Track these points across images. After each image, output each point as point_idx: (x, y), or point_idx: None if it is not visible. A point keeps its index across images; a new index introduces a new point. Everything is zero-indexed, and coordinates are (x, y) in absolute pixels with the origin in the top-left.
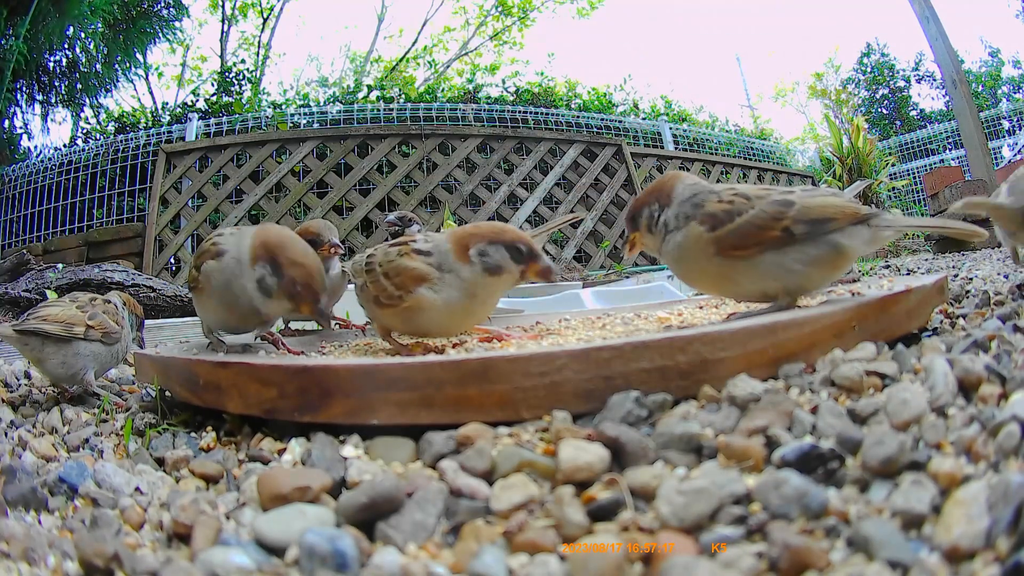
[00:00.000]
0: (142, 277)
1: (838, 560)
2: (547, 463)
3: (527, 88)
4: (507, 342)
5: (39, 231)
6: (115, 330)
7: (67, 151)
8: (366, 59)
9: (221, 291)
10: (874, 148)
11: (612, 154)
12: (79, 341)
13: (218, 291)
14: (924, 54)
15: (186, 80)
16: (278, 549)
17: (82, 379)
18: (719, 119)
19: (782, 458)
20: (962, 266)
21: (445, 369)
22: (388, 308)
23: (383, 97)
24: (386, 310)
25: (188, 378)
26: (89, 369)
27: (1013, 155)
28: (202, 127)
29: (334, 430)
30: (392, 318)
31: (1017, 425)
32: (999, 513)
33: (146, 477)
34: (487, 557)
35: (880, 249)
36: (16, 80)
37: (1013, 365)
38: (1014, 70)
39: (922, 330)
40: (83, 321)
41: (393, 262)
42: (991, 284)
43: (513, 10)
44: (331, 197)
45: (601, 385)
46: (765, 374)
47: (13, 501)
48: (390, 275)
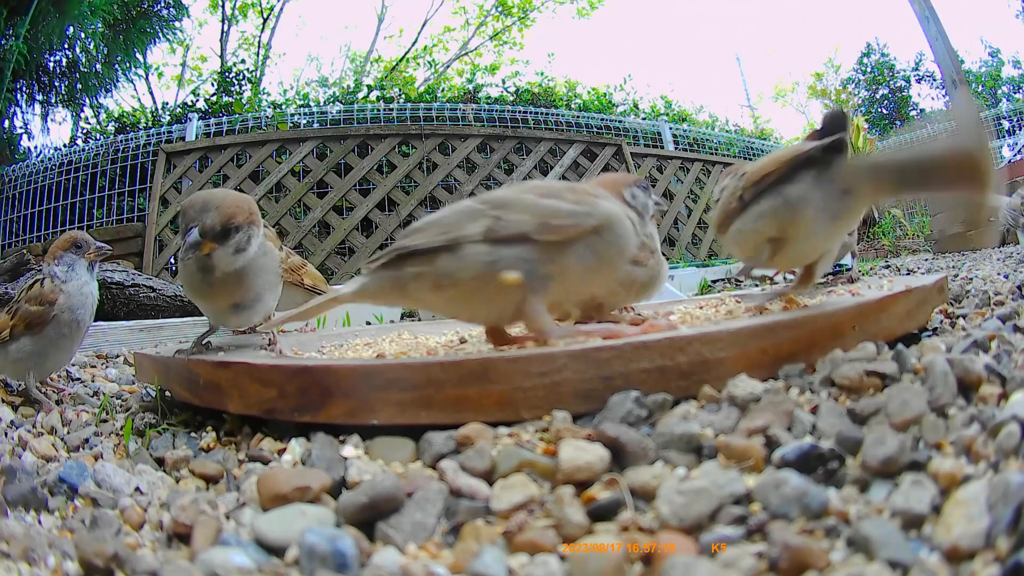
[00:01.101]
0: (142, 277)
1: (838, 560)
2: (547, 463)
3: (527, 88)
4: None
5: (39, 231)
6: (42, 313)
7: (67, 151)
8: (366, 59)
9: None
10: (874, 148)
11: (612, 154)
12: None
13: (181, 276)
14: (924, 54)
15: (186, 80)
16: (278, 549)
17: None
18: (719, 119)
19: (782, 458)
20: (962, 266)
21: (445, 369)
22: (567, 233)
23: (383, 97)
24: (561, 239)
25: (188, 378)
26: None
27: (1013, 155)
28: (202, 127)
29: (334, 430)
30: (570, 260)
31: (1017, 425)
32: (999, 513)
33: (146, 477)
34: (487, 557)
35: (880, 249)
36: (16, 80)
37: (1013, 365)
38: (1014, 70)
39: (922, 330)
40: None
41: (546, 184)
42: (991, 284)
43: (513, 10)
44: (331, 197)
45: (601, 385)
46: (765, 374)
47: (13, 501)
48: (555, 193)
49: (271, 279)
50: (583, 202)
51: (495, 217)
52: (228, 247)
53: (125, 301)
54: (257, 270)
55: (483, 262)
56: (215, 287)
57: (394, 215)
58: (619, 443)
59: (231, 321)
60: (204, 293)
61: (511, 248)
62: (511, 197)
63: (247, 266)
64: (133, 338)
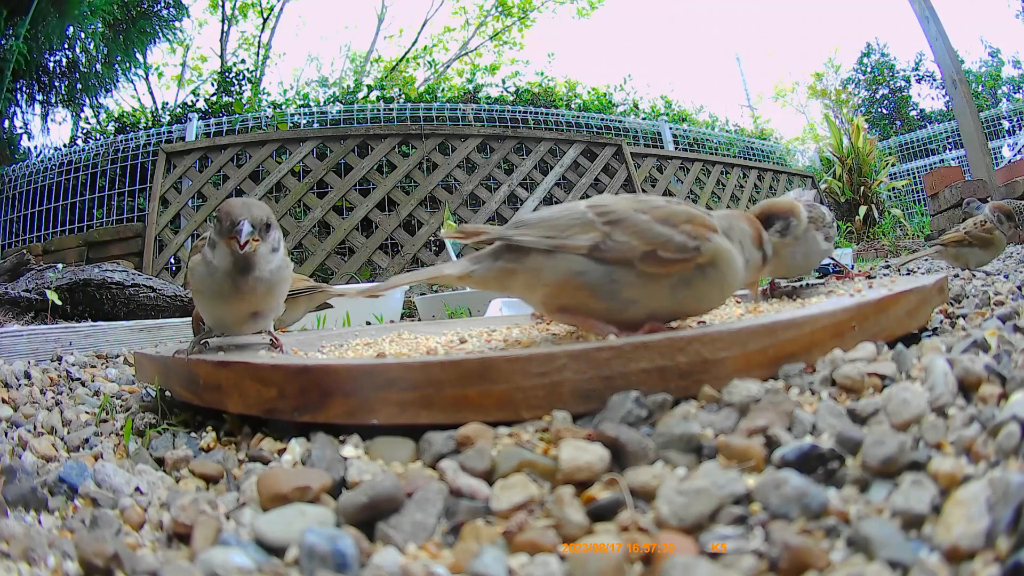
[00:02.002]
0: (142, 277)
1: (838, 560)
2: (547, 463)
3: (527, 88)
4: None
5: (39, 231)
6: None
7: (67, 151)
8: (366, 59)
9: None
10: (874, 148)
11: (612, 154)
12: None
13: (200, 281)
14: (924, 54)
15: (186, 80)
16: (278, 549)
17: None
18: (719, 119)
19: (782, 458)
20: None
21: (445, 369)
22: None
23: (383, 97)
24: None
25: (188, 378)
26: None
27: (1013, 155)
28: (202, 127)
29: (334, 430)
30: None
31: (1017, 425)
32: (999, 513)
33: (146, 477)
34: (487, 557)
35: (880, 249)
36: (16, 80)
37: (1013, 365)
38: (1014, 70)
39: (922, 330)
40: None
41: (667, 207)
42: (991, 284)
43: (513, 10)
44: (331, 197)
45: (601, 385)
46: (765, 374)
47: (13, 501)
48: (673, 222)
49: (285, 289)
50: (697, 236)
51: (605, 233)
52: (267, 244)
53: (125, 301)
54: (281, 279)
55: (574, 271)
56: (244, 291)
57: (394, 215)
58: (619, 443)
59: (246, 328)
60: (229, 298)
61: (607, 266)
62: (627, 214)
63: (277, 269)
64: (133, 338)
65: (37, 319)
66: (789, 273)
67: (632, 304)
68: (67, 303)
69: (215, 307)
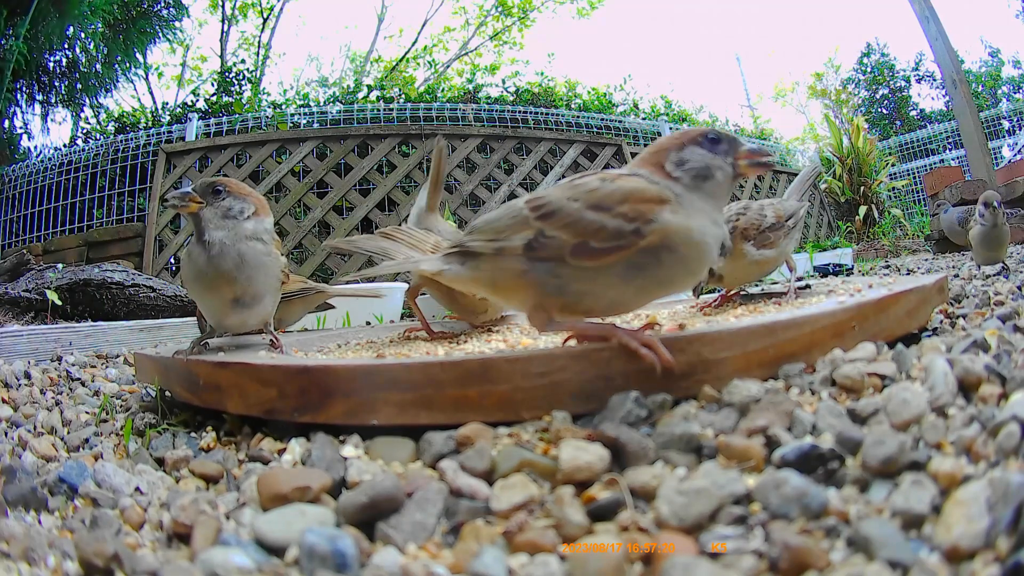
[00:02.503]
0: (142, 277)
1: (838, 560)
2: (547, 463)
3: (527, 88)
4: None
5: (39, 231)
6: None
7: (67, 151)
8: (366, 59)
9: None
10: (874, 148)
11: (612, 154)
12: None
13: (183, 270)
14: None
15: (186, 80)
16: (278, 549)
17: None
18: (719, 119)
19: (782, 458)
20: (962, 266)
21: (445, 369)
22: (604, 259)
23: (383, 97)
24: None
25: (188, 378)
26: None
27: (1013, 155)
28: (202, 127)
29: (334, 430)
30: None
31: (1017, 425)
32: (999, 513)
33: (146, 477)
34: (487, 557)
35: (880, 249)
36: (16, 80)
37: (1013, 365)
38: (1014, 70)
39: (922, 330)
40: None
41: (600, 189)
42: (991, 284)
43: (513, 10)
44: (331, 197)
45: (601, 385)
46: (765, 374)
47: (13, 501)
48: (606, 205)
49: (272, 282)
50: (637, 217)
51: (538, 230)
52: (216, 208)
53: (125, 301)
54: (259, 264)
55: (519, 271)
56: (215, 274)
57: (394, 215)
58: (619, 443)
59: (231, 319)
60: (205, 281)
61: (546, 264)
62: (558, 205)
63: (247, 252)
64: (133, 338)
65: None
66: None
67: (586, 295)
68: (67, 303)
69: (198, 295)
